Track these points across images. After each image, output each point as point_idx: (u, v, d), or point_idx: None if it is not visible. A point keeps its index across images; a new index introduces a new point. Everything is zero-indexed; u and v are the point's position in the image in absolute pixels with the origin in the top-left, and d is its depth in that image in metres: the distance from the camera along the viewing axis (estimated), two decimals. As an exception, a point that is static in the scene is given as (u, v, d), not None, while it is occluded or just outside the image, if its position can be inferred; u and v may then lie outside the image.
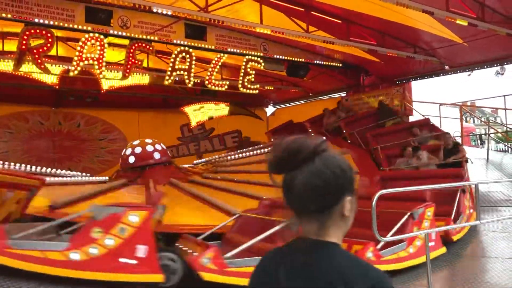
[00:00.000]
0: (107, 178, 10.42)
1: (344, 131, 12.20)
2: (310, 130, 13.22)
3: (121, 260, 4.37)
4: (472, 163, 9.51)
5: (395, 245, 5.60)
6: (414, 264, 5.65)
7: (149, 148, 10.31)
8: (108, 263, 4.28)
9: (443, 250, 6.15)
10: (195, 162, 13.54)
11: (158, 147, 10.57)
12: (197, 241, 5.38)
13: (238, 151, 12.96)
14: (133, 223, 4.44)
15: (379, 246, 5.31)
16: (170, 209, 7.00)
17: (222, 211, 7.16)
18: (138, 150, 10.27)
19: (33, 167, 10.10)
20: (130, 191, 8.69)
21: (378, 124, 11.97)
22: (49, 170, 10.48)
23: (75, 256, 4.22)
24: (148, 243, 4.50)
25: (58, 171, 10.80)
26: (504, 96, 13.53)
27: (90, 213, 4.48)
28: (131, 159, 10.14)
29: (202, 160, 13.49)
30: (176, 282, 4.70)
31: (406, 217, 5.81)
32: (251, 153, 12.35)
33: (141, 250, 4.42)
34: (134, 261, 4.40)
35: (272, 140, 14.45)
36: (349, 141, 11.89)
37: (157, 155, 10.18)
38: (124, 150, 10.65)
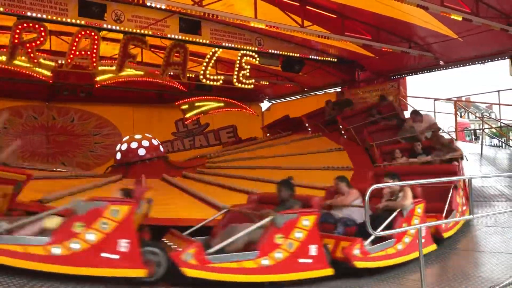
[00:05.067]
0: (98, 173, 10.38)
1: (341, 126, 12.11)
2: (307, 124, 13.24)
3: (103, 255, 4.33)
4: (467, 160, 9.55)
5: (383, 241, 5.56)
6: (402, 261, 5.62)
7: (145, 143, 10.29)
8: (90, 258, 4.26)
9: (433, 247, 6.12)
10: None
11: (153, 142, 10.55)
12: (183, 237, 5.34)
13: (233, 147, 12.95)
14: (115, 218, 4.43)
15: (366, 242, 5.27)
16: (160, 203, 6.99)
17: (212, 206, 7.14)
18: (133, 145, 10.26)
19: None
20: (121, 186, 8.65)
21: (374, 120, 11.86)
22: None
23: (56, 250, 4.18)
24: (130, 238, 4.48)
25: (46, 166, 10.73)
26: (498, 91, 13.57)
27: (72, 208, 4.43)
28: (125, 154, 10.12)
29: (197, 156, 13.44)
30: (159, 276, 4.68)
31: (395, 213, 5.79)
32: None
33: (124, 245, 4.41)
34: (116, 256, 4.38)
35: (268, 135, 14.44)
36: (345, 136, 11.87)
37: (150, 150, 10.16)
38: (119, 145, 10.61)
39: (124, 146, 10.28)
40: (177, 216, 6.73)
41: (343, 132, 11.98)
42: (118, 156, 10.28)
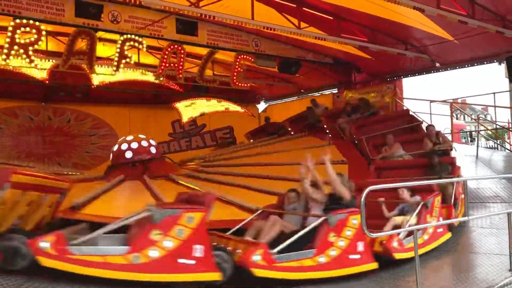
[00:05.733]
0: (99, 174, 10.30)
1: (325, 126, 12.47)
2: (290, 129, 13.29)
3: (180, 260, 4.46)
4: (456, 150, 9.68)
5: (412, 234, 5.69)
6: (429, 249, 6.09)
7: (144, 143, 10.18)
8: (168, 264, 4.41)
9: (449, 235, 6.63)
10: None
11: (151, 142, 10.47)
12: (231, 238, 5.41)
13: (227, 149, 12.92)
14: (190, 225, 4.58)
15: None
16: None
17: (238, 206, 7.29)
18: (134, 145, 10.15)
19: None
20: (129, 187, 8.65)
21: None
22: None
23: (136, 259, 4.28)
24: (204, 243, 4.59)
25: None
26: (494, 93, 13.63)
27: (148, 216, 4.48)
28: (127, 154, 10.00)
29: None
30: (226, 279, 4.75)
31: (420, 206, 6.16)
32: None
33: (198, 250, 4.57)
34: (192, 261, 4.53)
35: (251, 141, 14.17)
36: (330, 135, 12.01)
37: (152, 150, 10.08)
38: (116, 146, 10.55)
39: (134, 145, 10.14)
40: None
41: (327, 131, 12.24)
42: (116, 156, 10.16)
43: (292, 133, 13.21)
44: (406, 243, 5.80)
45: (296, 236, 5.06)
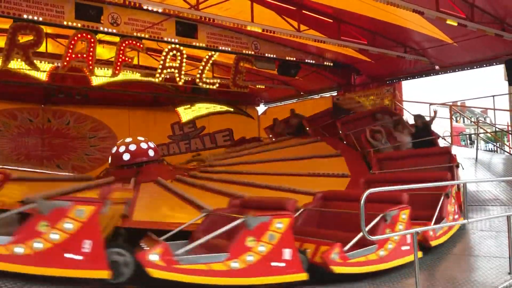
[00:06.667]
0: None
1: (308, 128, 13.09)
2: (308, 128, 13.29)
3: (66, 255, 4.28)
4: (445, 140, 9.78)
5: (364, 247, 5.43)
6: (382, 269, 5.49)
7: (142, 145, 10.16)
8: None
9: (418, 255, 5.74)
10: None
11: (150, 144, 10.45)
12: (159, 241, 5.28)
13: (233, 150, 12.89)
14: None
15: (346, 248, 5.16)
16: (147, 205, 6.98)
17: (199, 209, 7.12)
18: (132, 147, 10.14)
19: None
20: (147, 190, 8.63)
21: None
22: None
23: (19, 250, 4.15)
24: (94, 238, 4.43)
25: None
26: (493, 96, 13.64)
27: (36, 207, 4.39)
28: (125, 157, 10.00)
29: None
30: (126, 278, 4.66)
31: (378, 218, 5.60)
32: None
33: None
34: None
35: (270, 136, 14.62)
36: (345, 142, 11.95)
37: (150, 153, 10.07)
38: (114, 148, 10.55)
39: (114, 150, 10.16)
40: (161, 220, 6.67)
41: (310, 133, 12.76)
42: (112, 158, 10.17)
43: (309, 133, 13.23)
44: (351, 257, 5.32)
45: (209, 236, 4.85)
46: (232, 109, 17.96)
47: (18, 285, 3.99)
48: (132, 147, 9.52)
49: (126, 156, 9.36)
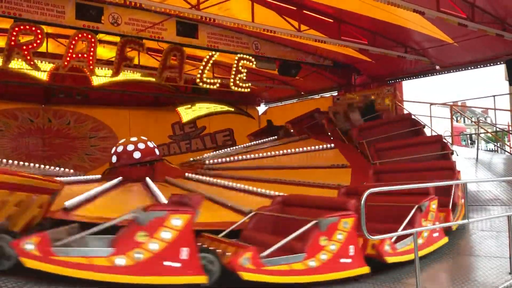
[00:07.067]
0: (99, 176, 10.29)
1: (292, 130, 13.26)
2: (292, 130, 13.32)
3: (166, 263, 4.41)
4: (457, 155, 9.87)
5: (406, 237, 5.82)
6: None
7: (149, 144, 10.18)
8: (153, 267, 4.37)
9: (445, 240, 6.48)
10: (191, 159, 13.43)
11: (149, 144, 10.47)
12: (222, 240, 5.37)
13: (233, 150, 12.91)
14: (177, 227, 4.55)
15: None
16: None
17: (230, 208, 7.27)
18: (130, 147, 10.16)
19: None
20: (129, 189, 8.64)
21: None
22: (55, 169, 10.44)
23: (120, 261, 4.24)
24: (190, 245, 4.56)
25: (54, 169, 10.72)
26: (494, 96, 13.64)
27: (133, 218, 4.45)
28: (121, 157, 10.01)
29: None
30: (213, 282, 4.71)
31: (414, 210, 5.98)
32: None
33: (185, 253, 4.53)
34: (178, 264, 4.49)
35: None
36: (332, 137, 12.16)
37: (147, 153, 10.08)
38: (115, 148, 10.55)
39: (120, 149, 10.18)
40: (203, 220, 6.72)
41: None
42: (114, 159, 10.17)
43: (294, 134, 13.21)
44: (399, 246, 5.71)
45: (285, 240, 4.98)
46: (232, 109, 18.00)
47: (18, 285, 3.98)
48: (141, 146, 9.53)
49: (137, 155, 9.35)
